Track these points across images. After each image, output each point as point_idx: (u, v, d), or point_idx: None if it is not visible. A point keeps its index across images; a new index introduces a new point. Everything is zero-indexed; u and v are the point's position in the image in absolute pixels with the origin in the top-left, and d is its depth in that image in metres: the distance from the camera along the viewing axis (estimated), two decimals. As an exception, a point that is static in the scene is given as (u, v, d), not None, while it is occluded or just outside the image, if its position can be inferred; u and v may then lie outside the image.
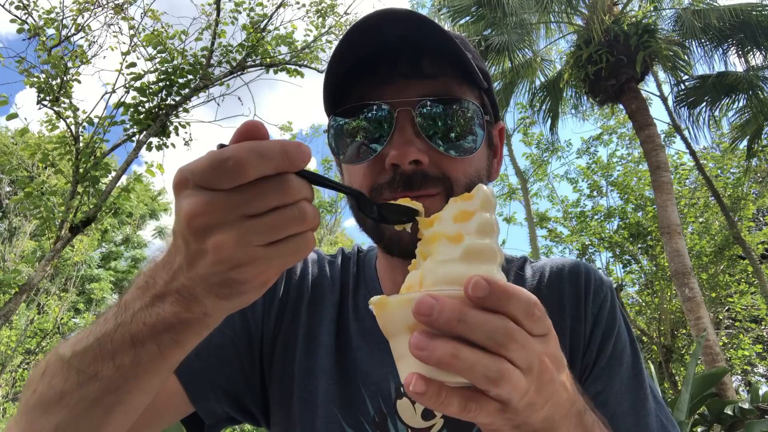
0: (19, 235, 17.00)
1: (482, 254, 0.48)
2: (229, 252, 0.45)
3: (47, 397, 0.57)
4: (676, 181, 13.01)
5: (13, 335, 13.56)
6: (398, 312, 0.46)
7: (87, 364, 0.55)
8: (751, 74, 8.65)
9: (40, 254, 12.42)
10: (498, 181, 16.66)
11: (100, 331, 0.55)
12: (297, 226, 0.47)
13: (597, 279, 0.90)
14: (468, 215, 0.50)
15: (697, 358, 4.96)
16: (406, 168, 0.75)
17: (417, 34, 0.75)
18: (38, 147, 6.55)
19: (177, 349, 0.54)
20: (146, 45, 6.85)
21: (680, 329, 12.92)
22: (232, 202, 0.44)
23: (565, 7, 9.51)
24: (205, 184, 0.45)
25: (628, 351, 0.87)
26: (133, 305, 0.53)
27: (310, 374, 0.85)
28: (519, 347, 0.43)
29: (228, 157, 0.43)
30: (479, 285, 0.42)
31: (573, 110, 10.82)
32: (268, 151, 0.44)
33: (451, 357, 0.41)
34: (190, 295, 0.49)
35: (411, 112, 0.76)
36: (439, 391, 0.43)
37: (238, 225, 0.45)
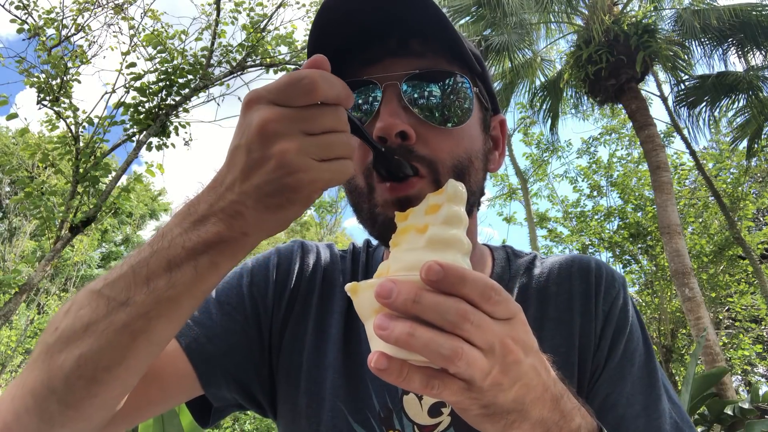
0: (19, 235, 16.99)
1: (446, 242, 0.50)
2: (290, 158, 0.51)
3: (71, 330, 0.57)
4: (675, 181, 13.01)
5: (13, 335, 13.56)
6: (367, 296, 0.48)
7: (119, 290, 0.56)
8: (751, 74, 8.65)
9: (40, 254, 12.41)
10: (498, 181, 16.67)
11: (135, 259, 0.57)
12: (344, 150, 0.54)
13: (608, 275, 0.88)
14: (436, 208, 0.54)
15: (697, 358, 4.96)
16: (393, 141, 0.73)
17: (405, 13, 0.74)
18: (38, 147, 6.55)
19: (213, 270, 0.56)
20: (146, 45, 6.85)
21: (680, 329, 12.93)
22: (299, 116, 0.51)
23: (565, 7, 9.51)
24: (278, 100, 0.52)
25: (641, 350, 0.84)
26: (172, 232, 0.56)
27: (318, 367, 0.85)
28: (474, 327, 0.45)
29: (305, 76, 0.51)
30: (432, 269, 0.44)
31: (573, 110, 10.83)
32: (334, 81, 0.53)
33: (408, 335, 0.43)
34: (234, 212, 0.53)
35: (397, 86, 0.75)
36: (401, 368, 0.45)
37: (301, 138, 0.51)
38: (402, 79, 0.75)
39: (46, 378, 0.58)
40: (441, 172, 0.75)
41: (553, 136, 10.88)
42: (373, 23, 0.75)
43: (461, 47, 0.76)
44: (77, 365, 0.56)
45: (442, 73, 0.77)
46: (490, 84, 0.88)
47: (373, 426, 0.81)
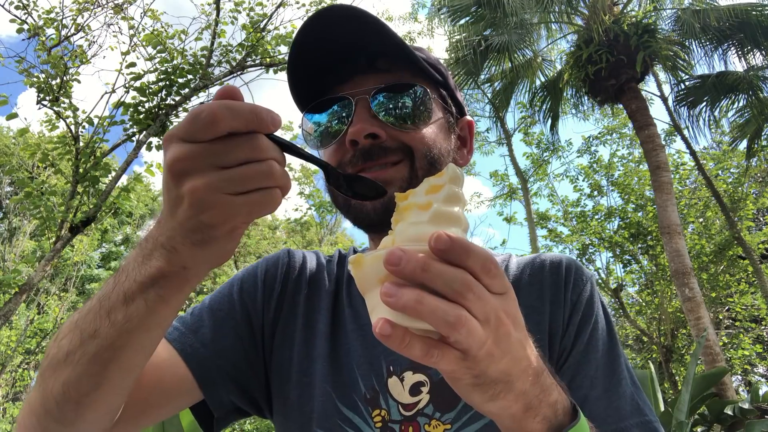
0: (19, 235, 17.00)
1: (448, 218, 0.53)
2: (201, 195, 0.51)
3: (56, 358, 0.64)
4: (676, 181, 13.01)
5: (13, 335, 13.56)
6: (372, 267, 0.50)
7: (89, 323, 0.61)
8: (751, 74, 8.65)
9: (40, 254, 12.41)
10: (498, 180, 16.67)
11: (103, 292, 0.62)
12: (264, 180, 0.52)
13: (578, 270, 0.95)
14: (437, 188, 0.56)
15: (697, 358, 4.95)
16: (364, 142, 0.84)
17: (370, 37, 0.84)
18: (38, 147, 6.55)
19: (162, 304, 0.60)
20: (146, 45, 6.84)
21: (680, 329, 12.92)
22: (206, 152, 0.51)
23: (565, 7, 9.51)
24: (185, 136, 0.51)
25: (605, 338, 0.90)
26: (129, 266, 0.60)
27: (308, 359, 0.92)
28: (476, 298, 0.47)
29: (202, 110, 0.50)
30: (441, 239, 0.46)
31: (573, 110, 10.83)
32: (238, 108, 0.51)
33: (416, 302, 0.45)
34: (171, 247, 0.56)
35: (367, 99, 0.86)
36: (404, 336, 0.46)
37: (211, 173, 0.51)
38: (370, 93, 0.86)
39: (43, 400, 0.65)
40: (416, 156, 0.87)
41: (554, 135, 10.87)
42: (343, 47, 0.86)
43: (419, 63, 0.88)
44: (62, 391, 0.63)
45: (404, 85, 0.88)
46: (454, 91, 0.99)
47: (360, 408, 0.87)
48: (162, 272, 0.57)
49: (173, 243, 0.55)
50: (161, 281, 0.58)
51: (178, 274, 0.58)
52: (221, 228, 0.54)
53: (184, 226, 0.54)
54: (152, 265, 0.57)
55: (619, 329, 15.12)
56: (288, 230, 22.47)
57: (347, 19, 0.83)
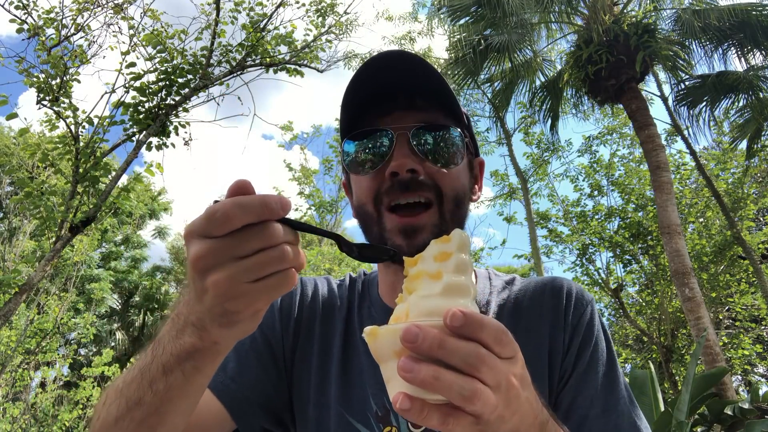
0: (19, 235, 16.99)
1: (459, 290, 0.56)
2: (224, 287, 0.56)
3: (107, 422, 0.71)
4: (676, 181, 13.00)
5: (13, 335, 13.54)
6: (387, 340, 0.53)
7: (133, 392, 0.68)
8: (751, 74, 8.65)
9: (40, 254, 12.40)
10: (498, 180, 16.66)
11: (142, 363, 0.68)
12: (278, 265, 0.57)
13: (578, 292, 1.01)
14: (447, 255, 0.58)
15: (697, 358, 4.95)
16: (404, 176, 0.91)
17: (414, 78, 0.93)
18: (38, 147, 6.54)
19: (198, 374, 0.66)
20: (146, 45, 6.84)
21: (680, 329, 12.92)
22: (224, 246, 0.55)
23: (565, 7, 9.51)
24: (204, 233, 0.56)
25: (604, 360, 0.95)
26: (164, 339, 0.66)
27: (324, 381, 1.00)
28: (489, 369, 0.50)
29: (216, 210, 0.55)
30: (456, 316, 0.50)
31: (573, 110, 10.82)
32: (248, 204, 0.55)
33: (433, 378, 0.48)
34: (201, 326, 0.61)
35: (407, 134, 0.93)
36: (422, 408, 0.50)
37: (230, 265, 0.55)
38: (411, 129, 0.94)
39: None
40: (445, 199, 0.94)
41: (554, 135, 10.87)
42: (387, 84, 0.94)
43: (455, 107, 0.97)
44: None
45: (441, 126, 0.96)
46: (473, 133, 1.07)
47: (372, 424, 0.94)
48: (195, 348, 0.63)
49: (203, 324, 0.61)
50: (195, 355, 0.63)
51: (210, 349, 0.63)
52: (244, 312, 0.59)
53: (212, 312, 0.59)
54: (186, 341, 0.63)
55: (619, 329, 15.14)
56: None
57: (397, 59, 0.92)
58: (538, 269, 14.16)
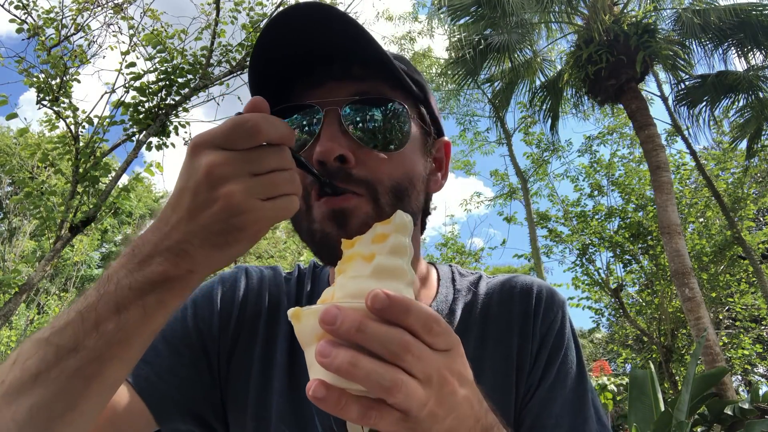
0: (19, 235, 16.99)
1: (391, 272, 0.51)
2: (237, 199, 0.54)
3: (20, 381, 0.56)
4: (677, 181, 13.00)
5: (13, 335, 13.55)
6: (309, 323, 0.49)
7: (68, 337, 0.56)
8: (751, 74, 8.65)
9: (40, 254, 12.40)
10: (498, 180, 16.65)
11: (83, 304, 0.57)
12: (289, 187, 0.57)
13: (548, 297, 0.91)
14: (383, 237, 0.55)
15: (697, 358, 4.95)
16: (332, 165, 0.75)
17: (347, 40, 0.75)
18: (38, 147, 6.54)
19: (161, 309, 0.58)
20: (146, 45, 6.84)
21: (680, 329, 12.92)
22: (245, 158, 0.54)
23: (565, 7, 9.51)
24: (225, 144, 0.54)
25: (574, 374, 0.87)
26: (117, 274, 0.57)
27: (265, 391, 0.87)
28: (415, 358, 0.45)
29: (247, 119, 0.54)
30: (378, 297, 0.44)
31: (573, 110, 10.82)
32: (277, 122, 0.56)
33: (349, 365, 0.43)
34: (180, 250, 0.56)
35: (338, 111, 0.77)
36: (339, 398, 0.45)
37: (247, 179, 0.54)
38: (342, 104, 0.78)
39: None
40: (380, 192, 0.78)
41: (554, 135, 10.87)
42: (317, 48, 0.77)
43: (398, 75, 0.79)
44: (29, 416, 0.55)
45: (381, 99, 0.79)
46: (434, 109, 0.90)
47: None
48: (167, 276, 0.56)
49: (185, 246, 0.55)
50: (164, 285, 0.56)
51: (183, 278, 0.57)
52: (249, 230, 0.56)
53: (209, 228, 0.55)
54: (153, 270, 0.56)
55: (619, 329, 15.14)
56: (288, 230, 22.47)
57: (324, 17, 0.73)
58: (538, 269, 14.16)
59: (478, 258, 16.45)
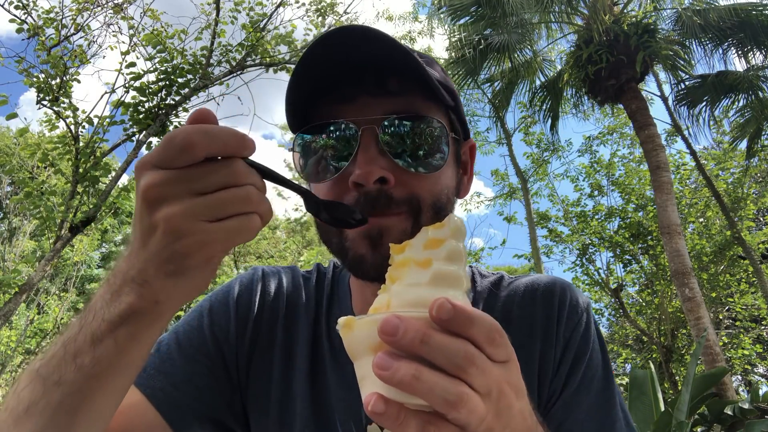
0: (19, 235, 16.99)
1: (449, 279, 0.49)
2: (177, 223, 0.49)
3: (16, 411, 0.57)
4: (677, 181, 13.00)
5: (13, 335, 13.55)
6: (363, 333, 0.47)
7: (52, 369, 0.56)
8: (751, 74, 8.64)
9: (40, 254, 12.40)
10: (498, 180, 16.65)
11: (67, 336, 0.57)
12: (241, 206, 0.51)
13: (572, 300, 0.87)
14: (438, 243, 0.52)
15: (697, 358, 4.95)
16: (371, 187, 0.73)
17: (381, 53, 0.73)
18: (38, 147, 6.55)
19: (133, 342, 0.55)
20: (146, 44, 6.84)
21: (680, 329, 12.92)
22: (182, 177, 0.49)
23: (565, 7, 9.51)
24: (161, 163, 0.49)
25: (599, 377, 0.85)
26: (96, 305, 0.56)
27: (287, 396, 0.86)
28: (479, 372, 0.43)
29: (176, 135, 0.48)
30: (444, 307, 0.42)
31: (573, 110, 10.82)
32: (215, 132, 0.49)
33: (412, 378, 0.41)
34: (142, 280, 0.53)
35: (375, 130, 0.75)
36: (398, 413, 0.43)
37: (187, 200, 0.49)
38: (379, 123, 0.75)
39: None
40: (422, 209, 0.77)
41: (554, 135, 10.87)
42: (348, 62, 0.74)
43: (436, 90, 0.76)
44: None
45: (418, 117, 0.77)
46: (462, 113, 0.88)
47: None
48: (133, 308, 0.53)
49: (145, 276, 0.52)
50: (132, 318, 0.54)
51: (151, 310, 0.54)
52: (196, 257, 0.51)
53: (158, 256, 0.51)
54: (122, 301, 0.54)
55: (619, 329, 15.14)
56: (288, 230, 22.47)
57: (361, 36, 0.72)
58: (538, 269, 14.16)
59: (478, 258, 16.44)
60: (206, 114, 0.52)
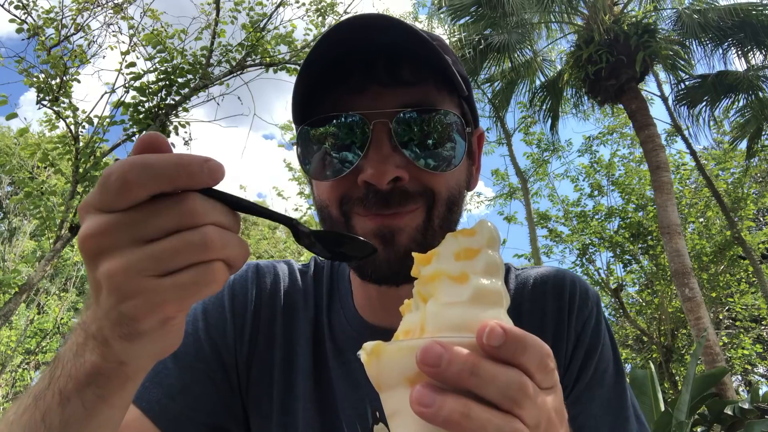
0: (19, 235, 16.99)
1: (491, 296, 0.44)
2: (119, 281, 0.41)
3: None
4: (677, 181, 13.01)
5: (13, 335, 13.56)
6: (396, 361, 0.41)
7: (23, 425, 0.51)
8: (751, 74, 8.65)
9: (40, 254, 12.41)
10: (498, 180, 16.65)
11: (38, 388, 0.52)
12: (197, 254, 0.41)
13: (582, 293, 0.86)
14: (472, 253, 0.46)
15: (697, 358, 4.95)
16: (385, 187, 0.69)
17: (395, 40, 0.69)
18: (38, 147, 6.55)
19: (102, 405, 0.49)
20: (146, 44, 6.84)
21: (680, 329, 12.92)
22: (123, 222, 0.40)
23: (565, 7, 9.51)
24: (101, 206, 0.41)
25: (611, 371, 0.83)
26: (65, 356, 0.50)
27: (289, 397, 0.83)
28: (531, 404, 0.39)
29: (112, 172, 0.39)
30: (495, 332, 0.37)
31: (573, 110, 10.83)
32: (156, 164, 0.39)
33: (461, 416, 0.36)
34: (102, 338, 0.46)
35: (388, 124, 0.70)
36: None
37: (130, 250, 0.40)
38: (392, 116, 0.70)
39: None
40: (437, 204, 0.73)
41: (554, 135, 10.87)
42: (359, 48, 0.70)
43: (450, 73, 0.71)
44: None
45: (434, 110, 0.72)
46: (473, 101, 0.84)
47: None
48: (97, 369, 0.47)
49: (103, 335, 0.45)
50: (98, 379, 0.47)
51: (116, 372, 0.47)
52: (147, 320, 0.43)
53: (108, 317, 0.44)
54: (87, 359, 0.47)
55: (619, 329, 15.14)
56: (288, 230, 22.42)
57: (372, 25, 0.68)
58: (538, 269, 14.15)
59: (478, 258, 16.43)
60: (152, 140, 0.42)
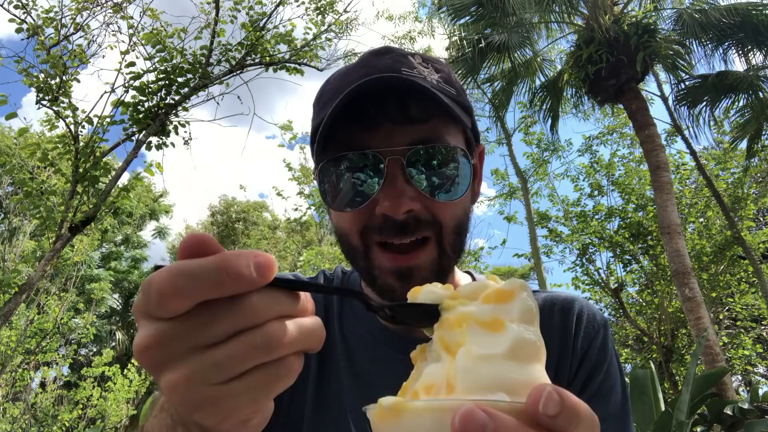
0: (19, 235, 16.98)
1: (530, 350, 0.38)
2: (183, 392, 0.37)
3: None
4: (677, 181, 13.01)
5: (13, 335, 13.54)
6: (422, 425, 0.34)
7: None
8: (751, 74, 8.65)
9: (40, 254, 12.41)
10: (498, 180, 16.65)
11: None
12: (264, 354, 0.38)
13: (589, 314, 0.88)
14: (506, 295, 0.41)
15: (697, 358, 4.95)
16: (400, 218, 0.76)
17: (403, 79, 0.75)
18: (38, 147, 6.54)
19: None
20: (145, 44, 6.84)
21: (680, 329, 12.92)
22: (177, 330, 0.37)
23: (565, 7, 9.51)
24: (151, 313, 0.38)
25: (617, 390, 0.84)
26: None
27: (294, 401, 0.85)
28: None
29: (151, 282, 0.37)
30: (552, 400, 0.33)
31: (573, 110, 10.83)
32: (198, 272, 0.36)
33: None
34: None
35: (401, 161, 0.76)
36: None
37: (189, 359, 0.37)
38: (404, 153, 0.76)
39: None
40: (445, 233, 0.80)
41: (554, 135, 10.87)
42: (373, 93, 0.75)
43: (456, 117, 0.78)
44: None
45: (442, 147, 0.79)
46: (475, 122, 0.90)
47: None
48: None
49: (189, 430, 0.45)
50: None
51: None
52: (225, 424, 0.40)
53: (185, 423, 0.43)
54: None
55: (619, 329, 15.14)
56: (288, 230, 22.46)
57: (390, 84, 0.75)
58: (538, 269, 14.16)
59: (477, 257, 16.44)
60: (196, 242, 0.38)
